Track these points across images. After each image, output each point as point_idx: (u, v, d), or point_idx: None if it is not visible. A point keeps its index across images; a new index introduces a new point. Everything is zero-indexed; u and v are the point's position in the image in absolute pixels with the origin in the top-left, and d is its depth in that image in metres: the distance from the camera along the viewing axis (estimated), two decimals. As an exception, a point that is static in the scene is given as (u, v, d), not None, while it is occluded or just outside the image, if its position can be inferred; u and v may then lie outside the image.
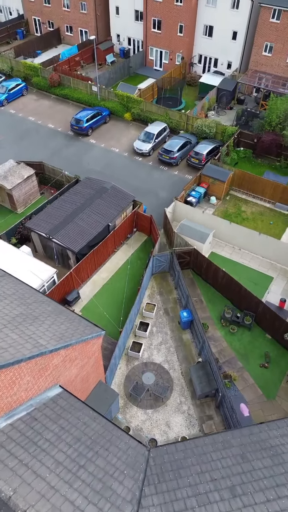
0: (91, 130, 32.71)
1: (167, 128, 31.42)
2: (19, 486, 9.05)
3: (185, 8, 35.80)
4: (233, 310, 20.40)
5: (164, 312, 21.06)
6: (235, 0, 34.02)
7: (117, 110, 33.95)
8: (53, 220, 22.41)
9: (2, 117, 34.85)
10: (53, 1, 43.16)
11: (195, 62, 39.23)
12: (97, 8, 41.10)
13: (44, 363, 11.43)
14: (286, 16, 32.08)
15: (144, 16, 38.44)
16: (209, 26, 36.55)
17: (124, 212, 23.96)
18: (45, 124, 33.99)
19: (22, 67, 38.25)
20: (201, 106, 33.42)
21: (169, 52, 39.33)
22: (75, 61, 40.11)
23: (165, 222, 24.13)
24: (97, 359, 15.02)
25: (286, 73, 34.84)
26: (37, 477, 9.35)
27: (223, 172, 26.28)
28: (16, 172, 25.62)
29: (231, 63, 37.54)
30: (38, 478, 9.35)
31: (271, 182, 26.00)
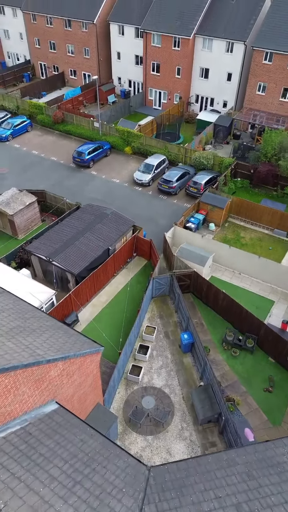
0: (93, 163, 33.77)
1: (166, 160, 32.47)
2: (10, 499, 8.47)
3: (182, 53, 38.23)
4: (235, 333, 20.03)
5: (164, 336, 20.65)
6: (229, 45, 36.43)
7: (118, 144, 35.25)
8: (53, 243, 22.57)
9: (7, 151, 36.09)
10: (58, 47, 46.15)
11: (192, 101, 41.26)
12: (100, 53, 43.88)
13: (41, 374, 11.06)
14: (277, 58, 34.20)
15: (144, 60, 40.96)
16: (205, 68, 38.85)
17: (124, 236, 24.18)
18: (48, 157, 35.14)
19: (28, 105, 40.16)
20: (199, 140, 34.74)
21: (167, 92, 41.50)
22: (78, 100, 42.19)
23: (164, 247, 24.29)
24: (95, 377, 14.54)
25: (279, 111, 36.54)
26: (30, 491, 8.77)
27: (221, 199, 26.83)
28: (19, 199, 26.15)
29: (227, 102, 39.49)
30: (31, 492, 8.76)
31: (268, 208, 26.47)
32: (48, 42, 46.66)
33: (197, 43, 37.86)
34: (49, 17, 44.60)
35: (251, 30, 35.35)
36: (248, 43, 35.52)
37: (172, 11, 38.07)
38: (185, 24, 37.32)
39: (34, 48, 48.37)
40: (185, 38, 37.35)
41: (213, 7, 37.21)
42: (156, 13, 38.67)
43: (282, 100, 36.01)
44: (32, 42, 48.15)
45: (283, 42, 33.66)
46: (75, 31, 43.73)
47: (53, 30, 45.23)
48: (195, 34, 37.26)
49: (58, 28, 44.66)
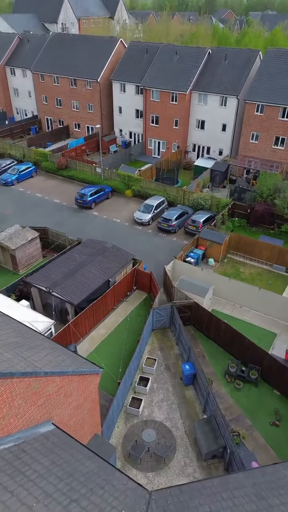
0: (94, 204, 34.86)
1: (165, 201, 33.57)
2: (1, 512, 7.81)
3: (180, 106, 41.07)
4: (238, 364, 19.46)
5: (165, 368, 20.03)
6: (223, 99, 39.25)
7: (119, 188, 36.63)
8: (53, 275, 22.66)
9: (12, 194, 37.40)
10: (64, 103, 49.60)
11: (190, 150, 43.54)
12: (103, 108, 47.07)
13: (38, 387, 10.67)
14: (268, 109, 36.70)
15: (144, 113, 43.86)
16: (201, 120, 41.49)
17: (124, 269, 24.33)
18: (51, 199, 36.34)
19: (33, 154, 42.28)
20: (196, 184, 36.16)
21: (166, 142, 43.92)
22: (82, 149, 44.49)
23: (164, 279, 24.36)
24: (93, 403, 13.92)
25: (272, 157, 38.45)
26: (23, 505, 8.14)
27: (220, 236, 27.37)
28: (21, 234, 26.67)
29: (222, 150, 41.66)
30: (24, 506, 8.14)
31: (266, 244, 26.92)
32: (55, 99, 50.23)
33: (193, 98, 40.82)
34: (56, 77, 48.46)
35: (243, 85, 38.31)
36: (241, 97, 38.31)
37: (170, 71, 41.51)
38: (181, 81, 40.51)
39: (42, 104, 51.95)
40: (182, 94, 40.33)
41: (207, 66, 40.63)
42: (155, 72, 42.13)
43: (275, 148, 38.04)
44: (39, 99, 51.82)
45: (273, 95, 36.35)
46: (80, 89, 47.29)
47: (59, 88, 48.92)
48: (191, 90, 40.30)
49: (65, 86, 48.34)
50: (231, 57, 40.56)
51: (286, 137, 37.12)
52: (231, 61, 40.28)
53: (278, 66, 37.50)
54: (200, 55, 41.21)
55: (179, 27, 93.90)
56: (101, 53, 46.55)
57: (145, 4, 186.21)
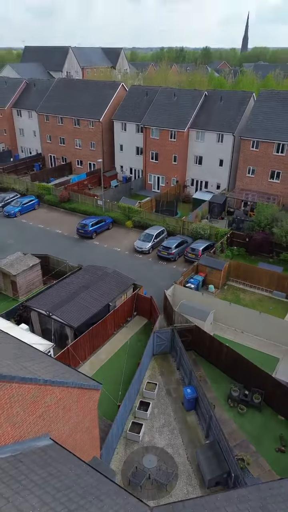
0: (95, 234, 35.46)
1: (165, 231, 34.18)
2: (-5, 516, 7.45)
3: (178, 143, 42.87)
4: (240, 388, 19.01)
5: (166, 393, 19.54)
6: (220, 136, 41.07)
7: (120, 219, 37.41)
8: (53, 299, 22.67)
9: (14, 225, 38.12)
10: (67, 142, 51.75)
11: (188, 184, 44.89)
12: (104, 146, 49.06)
13: (37, 396, 10.46)
14: (263, 145, 38.30)
15: (144, 150, 45.68)
16: (199, 156, 43.14)
17: (125, 294, 24.36)
18: (53, 230, 36.99)
19: (36, 187, 43.56)
20: (195, 215, 36.97)
21: (165, 177, 45.38)
22: (84, 184, 45.87)
23: (165, 304, 24.32)
24: (92, 421, 13.51)
25: (269, 190, 39.59)
26: None
27: (219, 262, 27.64)
28: (22, 261, 26.94)
29: (220, 184, 42.97)
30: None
31: (266, 270, 27.13)
32: (58, 138, 52.47)
33: (191, 135, 42.71)
34: (60, 117, 50.93)
35: (238, 123, 40.25)
36: (236, 134, 40.12)
37: (168, 110, 43.76)
38: (180, 120, 42.59)
39: (46, 143, 54.17)
40: (180, 131, 42.26)
41: (204, 107, 42.89)
42: (155, 112, 44.39)
43: (271, 181, 39.28)
44: (44, 138, 54.13)
45: (267, 132, 38.09)
46: (83, 128, 49.55)
47: (63, 127, 51.27)
48: (189, 128, 42.25)
49: (68, 126, 50.68)
50: (226, 98, 42.92)
51: (281, 171, 38.45)
52: (227, 101, 42.58)
53: (271, 106, 39.61)
54: (197, 96, 43.63)
55: (177, 76, 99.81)
56: (103, 96, 49.25)
57: (145, 57, 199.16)
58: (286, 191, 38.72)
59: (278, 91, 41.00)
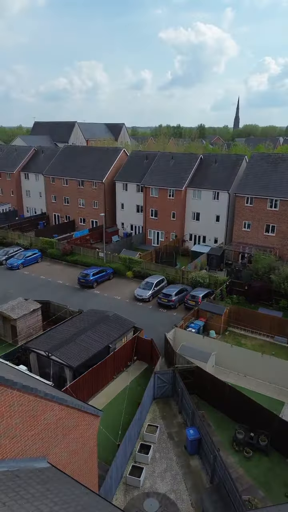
0: (96, 284, 35.96)
1: (164, 280, 34.74)
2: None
3: (176, 201, 45.23)
4: (245, 430, 18.19)
5: (168, 437, 18.66)
6: (215, 193, 43.46)
7: (120, 270, 38.18)
8: (53, 341, 22.52)
9: (16, 276, 38.76)
10: (71, 201, 54.47)
11: (187, 239, 46.41)
12: (106, 204, 51.56)
13: (37, 409, 10.27)
14: (257, 201, 40.42)
15: (144, 208, 47.99)
16: (196, 212, 45.23)
17: (125, 337, 24.20)
18: (54, 281, 37.54)
19: (40, 242, 44.98)
20: (194, 266, 37.81)
21: (164, 232, 47.10)
22: (86, 239, 47.41)
23: (166, 347, 24.04)
24: (91, 453, 12.90)
25: (265, 243, 40.89)
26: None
27: (219, 307, 27.82)
28: (24, 305, 27.13)
29: (217, 238, 44.47)
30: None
31: (266, 315, 27.19)
32: (63, 198, 55.31)
33: (188, 193, 45.19)
34: (65, 179, 54.19)
35: (232, 182, 42.85)
36: (231, 191, 42.52)
37: (167, 172, 46.81)
38: (177, 180, 45.39)
39: (51, 202, 56.96)
40: (178, 190, 44.82)
41: (200, 168, 45.94)
42: (154, 173, 47.43)
43: (266, 234, 40.76)
44: (49, 198, 57.03)
45: (260, 189, 40.44)
46: (86, 189, 52.49)
47: (68, 188, 54.31)
48: (186, 187, 44.87)
49: (73, 186, 53.74)
50: (220, 161, 46.18)
51: (276, 225, 40.10)
52: (221, 163, 45.75)
53: (262, 166, 42.50)
54: (193, 159, 46.97)
55: (174, 148, 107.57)
56: (106, 160, 52.94)
57: (145, 133, 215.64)
58: (282, 244, 40.01)
59: (269, 153, 44.32)
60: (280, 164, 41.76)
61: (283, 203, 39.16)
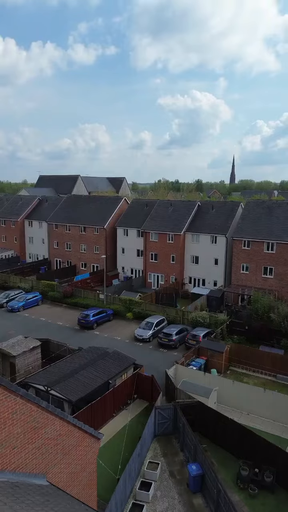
0: (96, 325, 35.92)
1: (165, 320, 34.78)
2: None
3: (175, 244, 46.45)
4: (250, 467, 17.51)
5: (169, 475, 17.90)
6: (213, 238, 44.77)
7: (121, 311, 38.29)
8: (52, 376, 22.27)
9: (17, 318, 38.77)
10: (73, 247, 55.79)
11: (186, 282, 46.96)
12: (108, 249, 52.76)
13: (38, 421, 10.28)
14: (254, 244, 41.55)
15: (144, 252, 49.12)
16: (195, 256, 46.24)
17: (125, 373, 23.91)
18: (54, 322, 37.50)
19: (41, 285, 45.47)
20: (194, 307, 37.98)
21: (164, 275, 47.77)
22: (87, 282, 47.94)
23: (166, 384, 23.65)
24: (91, 478, 12.50)
25: (263, 285, 41.37)
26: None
27: (220, 345, 27.70)
28: (23, 343, 27.04)
29: (217, 281, 45.03)
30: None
31: (267, 353, 27.00)
32: (65, 243, 56.70)
33: (187, 237, 46.53)
34: (68, 226, 55.95)
35: (229, 227, 44.34)
36: (228, 235, 43.85)
37: (166, 218, 48.57)
38: (176, 225, 46.98)
39: (53, 248, 58.27)
40: (177, 234, 46.22)
41: (198, 214, 47.73)
42: (154, 219, 49.18)
43: (265, 276, 41.41)
44: (51, 244, 58.43)
45: (256, 232, 41.78)
46: (88, 234, 54.04)
47: (70, 234, 55.89)
48: (185, 232, 46.33)
49: (75, 232, 55.34)
50: (217, 207, 48.14)
51: (273, 267, 40.89)
52: (218, 210, 47.63)
53: (258, 212, 44.20)
54: (191, 206, 48.98)
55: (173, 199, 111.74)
56: (108, 207, 55.07)
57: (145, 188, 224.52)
58: (280, 286, 40.49)
59: (264, 200, 46.34)
60: (275, 210, 43.50)
61: (279, 245, 40.26)
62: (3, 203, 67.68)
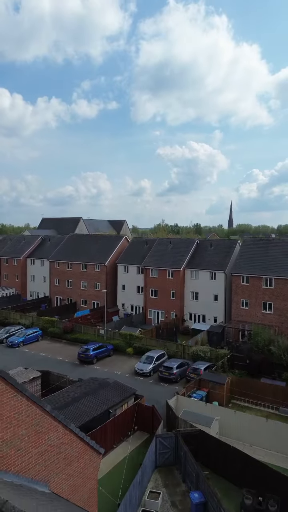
0: (96, 360, 35.70)
1: (165, 354, 34.62)
2: None
3: (175, 280, 47.13)
4: (254, 496, 17.02)
5: (171, 505, 17.36)
6: (212, 274, 45.55)
7: (121, 346, 38.16)
8: (53, 404, 22.04)
9: (16, 354, 38.54)
10: (74, 283, 56.39)
11: (186, 318, 47.05)
12: (108, 286, 53.32)
13: (42, 425, 10.48)
14: (252, 279, 42.26)
15: (144, 288, 49.67)
16: (195, 292, 46.74)
17: (126, 403, 23.65)
18: (54, 357, 37.25)
19: (41, 321, 45.54)
20: (195, 342, 37.89)
21: (164, 311, 47.97)
22: (87, 319, 47.98)
23: (167, 414, 23.34)
24: (91, 495, 12.31)
25: (263, 321, 41.49)
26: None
27: (221, 377, 27.55)
28: (23, 374, 26.93)
29: (217, 317, 45.16)
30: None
31: (269, 385, 26.80)
32: (66, 281, 57.36)
33: (186, 274, 47.31)
34: (70, 263, 56.94)
35: (227, 263, 45.28)
36: (227, 271, 44.67)
37: (166, 255, 49.68)
38: (176, 261, 47.97)
39: (54, 286, 58.85)
40: (176, 270, 47.07)
41: (196, 251, 48.89)
42: (154, 256, 50.27)
43: (264, 312, 41.66)
44: (53, 282, 59.08)
45: (254, 268, 42.63)
46: (89, 271, 54.88)
47: (71, 272, 56.72)
48: (184, 268, 47.21)
49: (76, 270, 56.21)
50: (215, 245, 49.42)
51: (272, 303, 41.28)
52: (216, 247, 48.86)
53: (255, 249, 45.36)
54: (190, 243, 50.31)
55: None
56: (109, 245, 56.40)
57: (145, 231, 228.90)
58: (280, 321, 40.63)
59: (260, 238, 47.68)
60: (271, 247, 44.66)
61: (277, 281, 40.95)
62: (6, 243, 69.20)
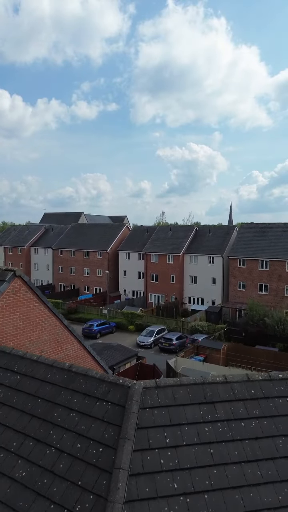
0: (99, 335, 37.49)
1: (165, 329, 36.42)
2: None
3: (175, 265, 48.94)
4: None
5: None
6: (211, 258, 47.37)
7: (123, 324, 39.96)
8: (62, 361, 23.82)
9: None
10: (77, 270, 58.19)
11: (186, 301, 48.84)
12: (110, 272, 55.09)
13: (61, 336, 12.21)
14: (249, 262, 44.07)
15: (145, 273, 51.48)
16: (194, 276, 48.56)
17: (129, 363, 25.42)
18: (59, 333, 38.98)
19: (46, 303, 47.28)
20: (194, 319, 39.68)
21: (164, 295, 49.74)
22: (90, 302, 49.77)
23: (167, 371, 25.07)
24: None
25: (259, 301, 42.73)
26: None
27: (218, 343, 29.33)
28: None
29: (215, 300, 46.96)
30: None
31: (262, 350, 28.57)
32: (69, 268, 59.16)
33: (185, 259, 49.14)
34: (72, 251, 58.76)
35: (225, 248, 47.12)
36: (225, 255, 46.49)
37: (166, 241, 51.52)
38: (175, 247, 49.80)
39: (57, 273, 60.63)
40: (176, 255, 48.90)
41: (195, 238, 50.73)
42: (154, 242, 52.10)
43: (260, 293, 43.45)
44: (56, 269, 60.87)
45: (251, 251, 44.46)
46: (91, 258, 56.69)
47: (74, 259, 58.53)
48: (183, 253, 49.03)
49: (79, 257, 58.01)
50: (213, 231, 51.26)
51: (268, 284, 43.07)
52: (214, 233, 50.70)
53: (251, 234, 47.16)
54: (189, 230, 52.16)
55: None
56: (111, 233, 58.24)
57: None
58: (275, 301, 42.41)
59: (257, 223, 49.44)
60: (267, 231, 46.46)
61: (273, 263, 42.75)
62: (10, 233, 71.02)
